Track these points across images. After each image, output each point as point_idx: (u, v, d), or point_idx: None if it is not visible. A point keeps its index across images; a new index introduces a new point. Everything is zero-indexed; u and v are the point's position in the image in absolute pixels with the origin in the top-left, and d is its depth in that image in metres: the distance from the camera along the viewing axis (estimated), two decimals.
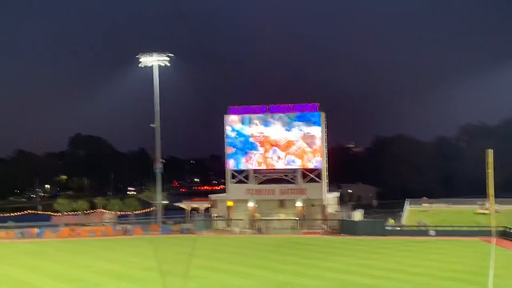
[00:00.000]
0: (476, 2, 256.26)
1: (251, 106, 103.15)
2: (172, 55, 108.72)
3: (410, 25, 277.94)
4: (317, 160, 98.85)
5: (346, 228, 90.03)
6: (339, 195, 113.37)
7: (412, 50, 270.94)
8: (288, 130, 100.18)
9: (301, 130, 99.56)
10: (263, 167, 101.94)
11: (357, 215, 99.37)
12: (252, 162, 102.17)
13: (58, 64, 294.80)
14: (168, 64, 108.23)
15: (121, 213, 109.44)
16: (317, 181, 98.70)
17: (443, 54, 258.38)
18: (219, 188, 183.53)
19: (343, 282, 51.29)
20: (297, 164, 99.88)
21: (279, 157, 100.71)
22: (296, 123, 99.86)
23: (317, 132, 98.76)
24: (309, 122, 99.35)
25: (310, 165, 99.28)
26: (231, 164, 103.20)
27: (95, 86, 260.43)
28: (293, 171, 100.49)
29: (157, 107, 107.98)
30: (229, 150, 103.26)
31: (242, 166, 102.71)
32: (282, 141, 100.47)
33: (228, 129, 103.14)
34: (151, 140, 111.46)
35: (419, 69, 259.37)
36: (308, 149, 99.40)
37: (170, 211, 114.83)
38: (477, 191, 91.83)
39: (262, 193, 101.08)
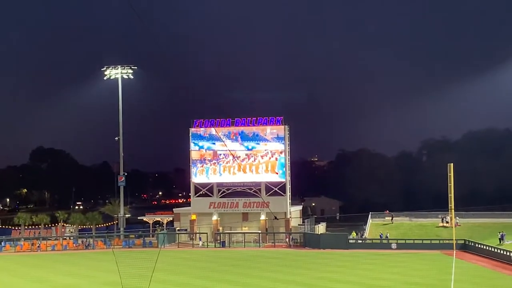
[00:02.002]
0: (437, 22, 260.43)
1: (215, 119, 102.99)
2: (136, 67, 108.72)
3: (375, 39, 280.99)
4: (280, 174, 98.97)
5: (309, 241, 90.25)
6: (302, 208, 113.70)
7: (376, 65, 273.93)
8: (252, 144, 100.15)
9: (264, 143, 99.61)
10: (227, 180, 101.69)
11: (320, 228, 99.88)
12: (216, 175, 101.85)
13: (21, 76, 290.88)
14: (132, 77, 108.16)
15: (83, 226, 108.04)
16: (280, 195, 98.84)
17: (407, 70, 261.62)
18: (182, 201, 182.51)
19: None
20: (261, 177, 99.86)
21: (243, 171, 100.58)
22: (260, 136, 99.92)
23: (281, 145, 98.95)
24: (272, 135, 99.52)
25: (273, 179, 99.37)
26: (194, 177, 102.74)
27: (58, 99, 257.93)
28: (256, 185, 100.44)
29: (120, 119, 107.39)
30: (193, 163, 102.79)
31: (206, 180, 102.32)
32: (246, 154, 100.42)
33: (192, 142, 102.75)
34: (114, 154, 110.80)
35: (383, 84, 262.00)
36: (271, 162, 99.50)
37: (133, 224, 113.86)
38: (438, 205, 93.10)
39: (226, 206, 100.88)
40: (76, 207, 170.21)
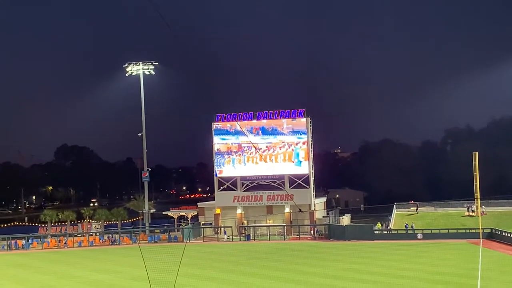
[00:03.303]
0: (463, 7, 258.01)
1: (237, 113, 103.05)
2: (157, 63, 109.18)
3: (397, 29, 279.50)
4: (304, 166, 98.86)
5: (334, 233, 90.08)
6: (326, 200, 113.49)
7: (398, 56, 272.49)
8: (275, 137, 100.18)
9: (287, 136, 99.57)
10: (251, 173, 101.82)
11: (345, 220, 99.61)
12: (240, 169, 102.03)
13: (44, 75, 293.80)
14: (153, 73, 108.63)
15: (109, 222, 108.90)
16: (304, 187, 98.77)
17: (429, 60, 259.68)
18: (206, 196, 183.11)
19: (332, 287, 51.28)
20: (284, 170, 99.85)
21: (263, 161, 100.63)
22: (283, 129, 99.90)
23: (304, 138, 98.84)
24: (295, 128, 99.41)
25: (297, 171, 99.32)
26: (218, 171, 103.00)
27: (81, 97, 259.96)
28: (280, 177, 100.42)
29: (143, 116, 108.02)
30: (216, 157, 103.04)
31: (230, 173, 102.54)
32: (269, 147, 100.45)
33: (215, 137, 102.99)
34: (138, 150, 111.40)
35: (405, 74, 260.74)
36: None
37: (158, 219, 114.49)
38: (464, 194, 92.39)
39: (250, 199, 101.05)
40: (101, 203, 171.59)
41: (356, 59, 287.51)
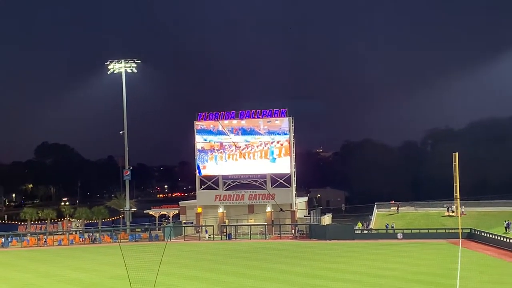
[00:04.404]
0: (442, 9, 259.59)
1: (220, 112, 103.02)
2: (139, 61, 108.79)
3: (378, 30, 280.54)
4: (285, 166, 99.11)
5: (315, 232, 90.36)
6: (307, 200, 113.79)
7: (380, 55, 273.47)
8: (257, 136, 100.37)
9: (269, 135, 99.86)
10: (232, 173, 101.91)
11: (326, 219, 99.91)
12: (222, 165, 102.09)
13: (24, 72, 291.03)
14: (135, 71, 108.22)
15: (89, 221, 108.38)
16: (286, 186, 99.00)
17: (410, 60, 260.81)
18: (187, 195, 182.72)
19: (312, 287, 51.45)
20: (266, 169, 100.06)
21: (243, 157, 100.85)
22: (265, 128, 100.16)
23: (285, 137, 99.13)
24: (271, 128, 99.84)
25: (279, 170, 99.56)
26: (200, 170, 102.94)
27: (62, 94, 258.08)
28: (262, 177, 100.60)
29: (125, 114, 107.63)
30: (200, 154, 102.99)
31: (211, 172, 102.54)
32: (251, 147, 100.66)
33: (197, 136, 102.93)
34: (119, 148, 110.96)
35: (385, 74, 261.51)
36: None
37: (139, 218, 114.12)
38: (444, 194, 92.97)
39: (231, 198, 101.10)
40: (82, 202, 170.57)
41: (338, 59, 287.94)
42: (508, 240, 70.55)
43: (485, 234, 76.64)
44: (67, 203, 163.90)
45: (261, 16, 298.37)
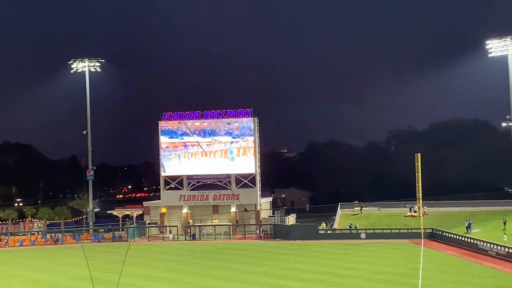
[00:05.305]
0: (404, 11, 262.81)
1: (184, 112, 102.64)
2: (103, 60, 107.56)
3: (343, 30, 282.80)
4: (250, 166, 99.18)
5: (279, 232, 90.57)
6: (272, 200, 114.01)
7: (346, 56, 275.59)
8: (221, 136, 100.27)
9: (234, 136, 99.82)
10: (197, 173, 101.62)
11: (290, 219, 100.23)
12: (185, 167, 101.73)
13: None
14: (99, 70, 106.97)
15: (51, 221, 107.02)
16: (250, 187, 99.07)
17: (375, 62, 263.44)
18: (151, 195, 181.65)
19: (276, 287, 51.59)
20: (230, 169, 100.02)
21: (212, 163, 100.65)
22: (229, 129, 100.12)
23: (250, 137, 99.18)
24: (242, 128, 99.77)
25: (243, 171, 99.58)
26: (164, 170, 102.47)
27: (24, 93, 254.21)
28: (226, 177, 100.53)
29: (88, 113, 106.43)
30: (164, 153, 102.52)
31: (176, 171, 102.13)
32: (215, 147, 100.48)
33: (161, 135, 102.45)
34: (82, 148, 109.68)
35: (351, 75, 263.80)
36: (241, 154, 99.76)
37: (102, 218, 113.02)
38: (406, 194, 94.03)
39: (196, 199, 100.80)
40: (44, 202, 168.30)
41: (302, 59, 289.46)
42: (469, 240, 71.60)
43: (447, 234, 77.66)
44: (21, 204, 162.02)
45: (228, 16, 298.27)
